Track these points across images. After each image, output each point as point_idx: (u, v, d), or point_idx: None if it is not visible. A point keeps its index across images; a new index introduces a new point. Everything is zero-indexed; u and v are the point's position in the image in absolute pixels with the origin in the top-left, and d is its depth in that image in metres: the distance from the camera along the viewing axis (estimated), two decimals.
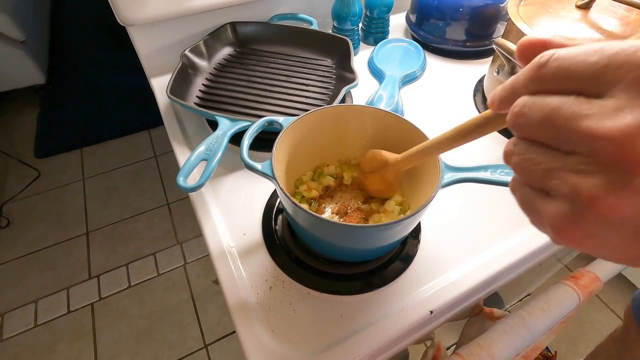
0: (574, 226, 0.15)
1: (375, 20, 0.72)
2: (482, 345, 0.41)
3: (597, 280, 0.46)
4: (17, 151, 1.68)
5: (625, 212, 0.14)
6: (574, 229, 0.15)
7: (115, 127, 1.79)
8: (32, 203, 1.51)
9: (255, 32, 0.68)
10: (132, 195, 1.55)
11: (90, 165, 1.65)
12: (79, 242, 1.39)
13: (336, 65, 0.65)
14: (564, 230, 0.16)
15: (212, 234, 0.44)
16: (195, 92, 0.59)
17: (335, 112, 0.42)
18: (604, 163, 0.14)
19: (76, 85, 1.98)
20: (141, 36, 0.62)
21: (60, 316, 1.21)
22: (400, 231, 0.37)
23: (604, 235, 0.15)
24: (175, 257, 1.36)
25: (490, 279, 0.41)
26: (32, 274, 1.30)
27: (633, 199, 0.14)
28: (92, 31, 2.30)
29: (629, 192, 0.14)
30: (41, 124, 1.79)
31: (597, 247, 0.16)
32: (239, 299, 0.39)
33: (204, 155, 0.45)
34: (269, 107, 0.57)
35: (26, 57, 1.68)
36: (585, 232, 0.15)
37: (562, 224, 0.16)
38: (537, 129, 0.16)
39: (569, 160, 0.15)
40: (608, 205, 0.14)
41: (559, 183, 0.15)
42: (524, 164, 0.17)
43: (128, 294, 1.26)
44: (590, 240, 0.15)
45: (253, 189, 0.49)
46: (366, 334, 0.37)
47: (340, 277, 0.41)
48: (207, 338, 1.17)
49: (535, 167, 0.16)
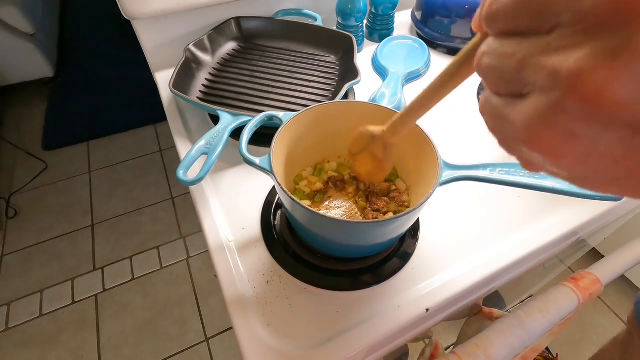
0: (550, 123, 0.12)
1: (380, 17, 0.71)
2: (478, 345, 0.41)
3: (598, 282, 0.45)
4: (26, 143, 1.71)
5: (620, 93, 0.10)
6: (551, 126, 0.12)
7: (122, 121, 1.80)
8: (39, 194, 1.53)
9: (260, 27, 0.68)
10: (137, 188, 1.56)
11: (97, 158, 1.67)
12: (85, 234, 1.41)
13: (340, 62, 0.65)
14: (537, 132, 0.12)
15: (211, 227, 0.44)
16: (198, 86, 0.59)
17: (336, 109, 0.42)
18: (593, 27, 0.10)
19: (84, 79, 2.00)
20: (146, 30, 0.63)
21: (65, 306, 1.23)
22: (398, 228, 0.37)
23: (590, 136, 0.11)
24: (179, 250, 1.37)
25: (487, 278, 0.41)
26: (38, 264, 1.32)
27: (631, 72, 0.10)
28: (101, 25, 2.32)
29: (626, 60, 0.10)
30: (49, 116, 1.82)
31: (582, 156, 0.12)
32: (236, 293, 0.39)
33: (204, 149, 0.45)
34: (271, 103, 0.57)
35: (35, 50, 1.70)
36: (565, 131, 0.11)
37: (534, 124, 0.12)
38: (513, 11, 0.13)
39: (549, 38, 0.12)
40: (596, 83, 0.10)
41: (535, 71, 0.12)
42: (496, 61, 0.13)
43: (131, 286, 1.28)
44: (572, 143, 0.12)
45: (253, 184, 0.49)
46: (361, 330, 0.37)
47: (337, 273, 0.41)
48: (209, 332, 1.18)
49: (508, 62, 0.13)
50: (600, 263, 0.49)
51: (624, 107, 0.10)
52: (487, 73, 0.14)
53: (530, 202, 0.48)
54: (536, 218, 0.46)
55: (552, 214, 0.46)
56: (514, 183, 0.34)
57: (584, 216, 0.46)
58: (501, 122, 0.14)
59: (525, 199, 0.48)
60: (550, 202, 0.47)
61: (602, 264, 0.49)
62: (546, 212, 0.47)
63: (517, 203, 0.48)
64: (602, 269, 0.48)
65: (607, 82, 0.10)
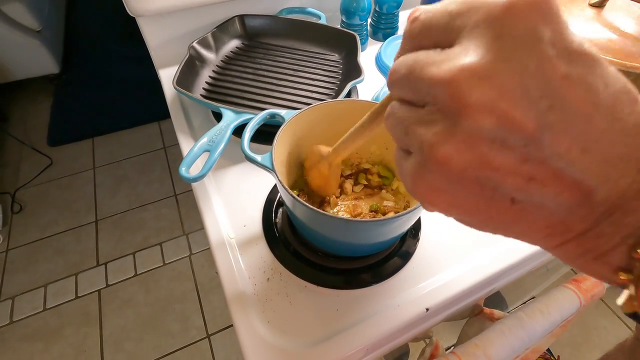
0: (421, 179, 0.15)
1: (385, 15, 0.71)
2: (478, 345, 0.41)
3: (600, 284, 0.45)
4: (31, 139, 1.72)
5: (459, 161, 0.14)
6: (422, 181, 0.15)
7: (126, 117, 1.81)
8: (44, 190, 1.54)
9: (264, 25, 0.68)
10: (140, 185, 1.57)
11: (101, 155, 1.68)
12: (88, 229, 1.42)
13: (343, 60, 0.65)
14: (415, 184, 0.16)
15: (213, 224, 0.44)
16: (201, 84, 0.59)
17: (339, 107, 0.42)
18: (442, 110, 0.14)
19: (90, 76, 2.01)
20: (150, 27, 0.63)
21: (68, 301, 1.24)
22: (399, 227, 0.37)
23: (451, 191, 0.15)
24: (181, 247, 1.38)
25: (488, 279, 0.41)
26: (42, 259, 1.34)
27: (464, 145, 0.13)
28: (107, 22, 2.33)
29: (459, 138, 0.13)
30: (55, 113, 1.83)
31: (448, 204, 0.15)
32: (236, 289, 0.39)
33: (206, 147, 0.45)
34: (275, 101, 0.57)
35: (41, 47, 1.71)
36: (432, 185, 0.15)
37: (412, 178, 0.16)
38: (402, 85, 0.16)
39: (421, 112, 0.15)
40: (442, 153, 0.14)
41: (412, 137, 0.15)
42: (393, 123, 0.17)
43: (134, 282, 1.29)
44: (439, 195, 0.15)
45: (255, 181, 0.49)
46: (361, 328, 0.37)
47: (337, 271, 0.41)
48: (210, 328, 1.19)
49: (400, 126, 0.16)
50: None
51: (467, 169, 0.14)
52: (390, 130, 0.17)
53: None
54: None
55: None
56: None
57: None
58: (401, 172, 0.17)
59: None
60: None
61: None
62: None
63: None
64: None
65: (451, 152, 0.14)
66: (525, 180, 0.14)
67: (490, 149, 0.13)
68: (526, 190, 0.14)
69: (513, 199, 0.14)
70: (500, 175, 0.14)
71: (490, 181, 0.14)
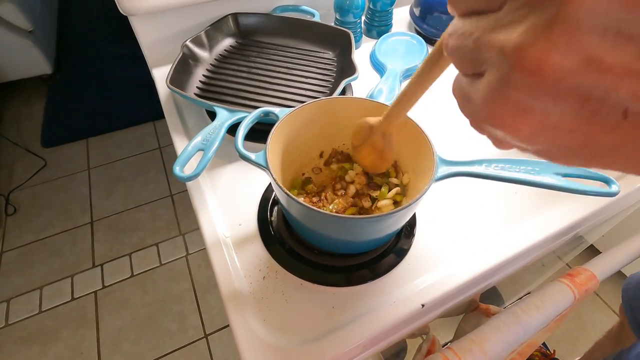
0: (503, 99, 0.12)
1: (379, 13, 0.71)
2: (474, 341, 0.41)
3: (594, 278, 0.46)
4: (25, 140, 1.70)
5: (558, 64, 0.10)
6: (503, 101, 0.12)
7: (121, 118, 1.80)
8: (38, 191, 1.53)
9: (257, 23, 0.68)
10: (136, 185, 1.56)
11: (96, 155, 1.67)
12: (84, 230, 1.41)
13: (337, 58, 0.65)
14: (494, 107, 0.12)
15: (208, 223, 0.44)
16: (195, 82, 0.59)
17: (333, 105, 0.42)
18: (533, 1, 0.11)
19: (83, 76, 1.99)
20: (143, 26, 0.62)
21: (64, 303, 1.23)
22: (393, 223, 0.37)
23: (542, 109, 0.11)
24: (178, 247, 1.37)
25: (483, 274, 0.41)
26: (38, 261, 1.33)
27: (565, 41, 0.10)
28: (100, 22, 2.31)
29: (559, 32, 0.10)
30: (48, 113, 1.81)
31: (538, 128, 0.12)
32: (232, 288, 0.39)
33: (200, 146, 0.45)
34: (269, 99, 0.57)
35: (34, 47, 1.70)
36: (517, 105, 0.12)
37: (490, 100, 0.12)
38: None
39: (500, 14, 0.12)
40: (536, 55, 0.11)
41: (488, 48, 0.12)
42: (458, 41, 0.14)
43: (131, 283, 1.28)
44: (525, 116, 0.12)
45: (250, 180, 0.49)
46: (357, 325, 0.37)
47: (333, 268, 0.41)
48: (208, 328, 1.18)
49: (467, 41, 0.13)
50: (596, 259, 0.50)
51: (567, 76, 0.10)
52: (452, 54, 0.14)
53: (526, 198, 0.48)
54: (532, 214, 0.46)
55: (548, 210, 0.46)
56: (510, 179, 0.34)
57: (580, 212, 0.46)
58: (467, 102, 0.14)
59: (522, 195, 0.48)
60: (547, 198, 0.47)
61: (598, 260, 0.49)
62: (542, 208, 0.47)
63: (513, 199, 0.48)
64: (598, 265, 0.48)
65: (546, 53, 0.10)
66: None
67: (602, 43, 0.10)
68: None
69: (626, 112, 0.11)
70: (614, 79, 0.10)
71: (599, 89, 0.11)
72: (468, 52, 0.13)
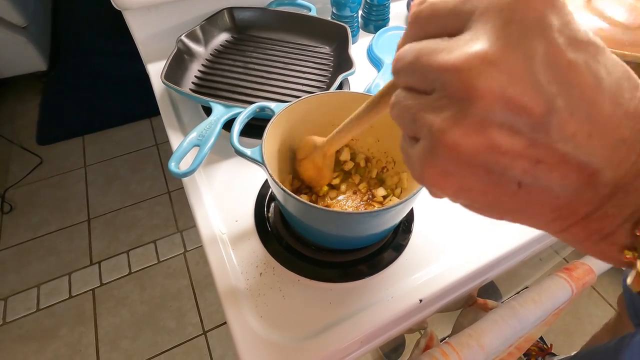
0: (430, 164, 0.15)
1: (376, 7, 0.70)
2: (472, 335, 0.41)
3: (591, 272, 0.46)
4: (20, 138, 1.69)
5: (468, 145, 0.14)
6: (431, 166, 0.15)
7: (117, 114, 1.79)
8: (34, 189, 1.52)
9: (253, 17, 0.67)
10: (133, 183, 1.55)
11: (92, 153, 1.66)
12: (81, 228, 1.41)
13: (334, 53, 0.64)
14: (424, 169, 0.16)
15: (204, 220, 0.44)
16: (191, 78, 0.58)
17: (329, 99, 0.41)
18: (451, 96, 0.14)
19: (78, 73, 1.97)
20: (137, 21, 0.62)
21: (62, 301, 1.23)
22: (391, 219, 0.36)
23: (459, 175, 0.15)
24: (176, 244, 1.37)
25: (481, 269, 0.41)
26: (35, 259, 1.32)
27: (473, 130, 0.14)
28: (95, 18, 2.28)
29: (469, 124, 0.14)
30: (43, 111, 1.80)
31: (457, 189, 0.16)
32: (229, 285, 0.39)
33: (196, 141, 0.45)
34: (266, 94, 0.56)
35: (28, 44, 1.68)
36: (441, 170, 0.15)
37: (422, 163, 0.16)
38: (409, 72, 0.16)
39: (429, 99, 0.15)
40: (452, 138, 0.14)
41: (421, 124, 0.15)
42: (400, 111, 0.17)
43: (129, 280, 1.28)
44: (448, 179, 0.15)
45: (247, 176, 0.49)
46: (355, 321, 0.37)
47: (330, 264, 0.40)
48: (206, 325, 1.18)
49: (407, 113, 0.16)
50: None
51: (475, 154, 0.14)
52: (396, 119, 0.17)
53: None
54: None
55: None
56: None
57: None
58: (408, 159, 0.17)
59: None
60: None
61: None
62: None
63: None
64: (596, 259, 0.48)
65: (460, 137, 0.14)
66: (532, 164, 0.14)
67: (499, 133, 0.14)
68: (533, 174, 0.14)
69: (520, 183, 0.15)
70: (508, 159, 0.14)
71: (498, 165, 0.14)
72: (407, 122, 0.16)
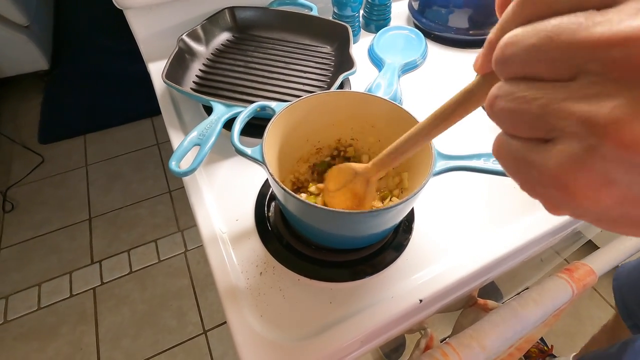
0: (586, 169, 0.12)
1: (377, 7, 0.70)
2: (472, 336, 0.41)
3: (592, 273, 0.45)
4: (22, 137, 1.70)
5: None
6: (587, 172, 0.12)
7: (118, 114, 1.79)
8: (36, 188, 1.52)
9: (254, 17, 0.67)
10: (134, 182, 1.56)
11: (94, 152, 1.66)
12: (82, 227, 1.41)
13: (335, 52, 0.64)
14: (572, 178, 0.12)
15: (205, 219, 0.44)
16: (192, 77, 0.58)
17: (330, 99, 0.41)
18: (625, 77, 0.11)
19: (80, 72, 1.98)
20: (138, 20, 0.62)
21: (63, 299, 1.23)
22: (392, 218, 0.36)
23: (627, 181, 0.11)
24: (177, 244, 1.37)
25: (482, 269, 0.41)
26: (36, 258, 1.32)
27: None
28: (97, 17, 2.29)
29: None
30: (45, 110, 1.80)
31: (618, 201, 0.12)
32: (229, 284, 0.39)
33: (197, 140, 0.45)
34: (266, 94, 0.56)
35: (30, 43, 1.68)
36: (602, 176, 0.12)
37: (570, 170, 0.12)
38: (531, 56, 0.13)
39: (575, 85, 0.12)
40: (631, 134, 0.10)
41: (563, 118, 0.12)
42: (514, 105, 0.13)
43: (129, 279, 1.28)
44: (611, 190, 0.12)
45: (247, 176, 0.49)
46: (355, 321, 0.37)
47: (331, 264, 0.40)
48: (207, 324, 1.19)
49: (528, 107, 0.13)
50: (594, 254, 0.49)
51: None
52: (502, 116, 0.14)
53: (525, 193, 0.48)
54: (531, 209, 0.46)
55: None
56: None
57: None
58: (525, 167, 0.14)
59: (521, 190, 0.48)
60: None
61: (596, 255, 0.49)
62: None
63: (512, 193, 0.47)
64: (597, 260, 0.48)
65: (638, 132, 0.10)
66: None
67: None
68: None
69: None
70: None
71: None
72: (529, 117, 0.13)
